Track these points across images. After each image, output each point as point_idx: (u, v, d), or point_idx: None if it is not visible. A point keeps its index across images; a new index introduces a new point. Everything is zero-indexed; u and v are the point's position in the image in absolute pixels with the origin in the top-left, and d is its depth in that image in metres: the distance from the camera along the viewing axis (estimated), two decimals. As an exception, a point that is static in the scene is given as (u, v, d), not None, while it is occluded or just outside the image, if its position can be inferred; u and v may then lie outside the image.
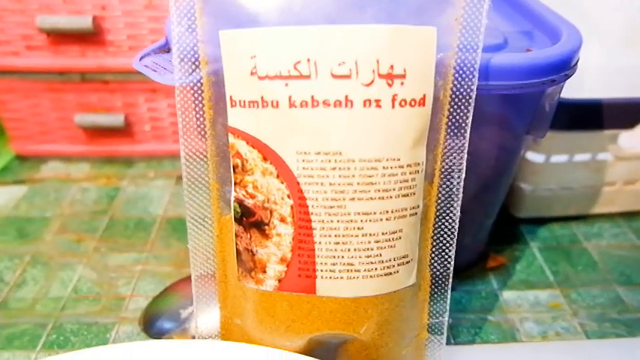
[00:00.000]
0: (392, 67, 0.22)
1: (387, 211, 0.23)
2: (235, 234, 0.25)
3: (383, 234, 0.24)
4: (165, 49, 0.28)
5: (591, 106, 0.36)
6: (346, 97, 0.22)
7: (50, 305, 0.35)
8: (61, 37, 0.42)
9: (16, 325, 0.34)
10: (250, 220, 0.24)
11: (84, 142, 0.49)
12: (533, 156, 0.39)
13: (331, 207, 0.23)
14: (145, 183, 0.49)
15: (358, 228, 0.23)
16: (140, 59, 0.26)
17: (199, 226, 0.26)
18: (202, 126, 0.24)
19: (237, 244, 0.25)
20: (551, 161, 0.39)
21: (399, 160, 0.23)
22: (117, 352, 0.24)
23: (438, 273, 0.27)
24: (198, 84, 0.24)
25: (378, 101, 0.22)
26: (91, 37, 0.43)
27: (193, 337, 0.32)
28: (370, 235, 0.23)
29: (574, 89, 0.34)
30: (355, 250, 0.24)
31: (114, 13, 0.42)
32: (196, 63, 0.23)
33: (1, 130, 0.51)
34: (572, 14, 0.37)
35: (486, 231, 0.38)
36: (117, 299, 0.36)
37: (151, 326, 0.34)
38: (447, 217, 0.26)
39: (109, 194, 0.47)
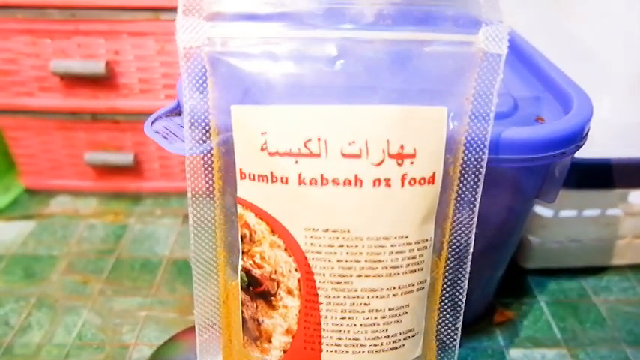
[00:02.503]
0: (402, 147, 0.22)
1: (395, 287, 0.23)
2: (242, 302, 0.25)
3: (390, 309, 0.23)
4: (177, 111, 0.28)
5: (601, 167, 0.36)
6: (356, 176, 0.22)
7: (54, 352, 0.35)
8: (73, 80, 0.43)
9: (19, 373, 0.34)
10: (257, 289, 0.24)
11: (92, 179, 0.50)
12: (542, 210, 0.39)
13: (338, 282, 0.23)
14: (152, 221, 0.49)
15: (365, 304, 0.23)
16: (151, 124, 0.27)
17: (206, 292, 0.26)
18: (212, 195, 0.24)
19: (243, 312, 0.25)
20: (560, 216, 0.39)
21: (407, 237, 0.23)
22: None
23: (444, 343, 0.27)
24: (209, 154, 0.24)
25: (387, 181, 0.22)
26: (103, 80, 0.43)
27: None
28: (377, 310, 0.23)
29: (584, 146, 0.34)
30: (361, 325, 0.23)
31: (127, 57, 0.42)
32: (207, 134, 0.24)
33: (11, 164, 0.52)
34: (584, 70, 0.37)
35: (494, 283, 0.38)
36: (121, 347, 0.36)
37: (154, 378, 0.33)
38: (455, 289, 0.26)
39: (116, 232, 0.47)
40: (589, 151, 0.37)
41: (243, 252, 0.24)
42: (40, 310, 0.39)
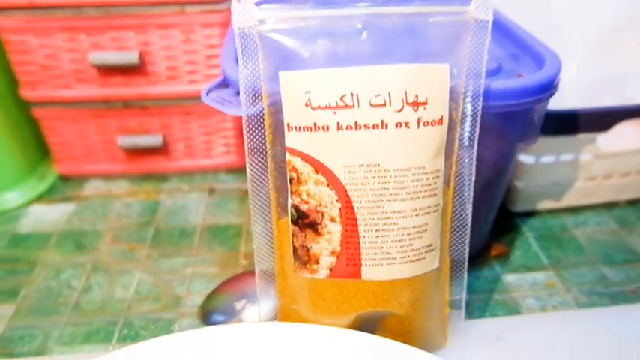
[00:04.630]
0: (417, 96, 0.28)
1: (416, 209, 0.29)
2: (292, 234, 0.31)
3: (413, 227, 0.30)
4: (223, 84, 0.34)
5: (572, 115, 0.42)
6: (382, 121, 0.28)
7: (117, 305, 0.41)
8: (108, 71, 0.48)
9: (90, 323, 0.39)
10: (305, 221, 0.30)
11: (123, 162, 0.55)
12: (525, 158, 0.45)
13: (372, 207, 0.29)
14: (181, 196, 0.54)
15: (394, 224, 0.29)
16: (207, 94, 0.32)
17: (261, 229, 0.32)
18: (263, 147, 0.30)
19: (293, 242, 0.31)
20: (540, 162, 0.45)
21: (424, 168, 0.29)
22: (215, 333, 0.29)
23: (456, 258, 0.33)
24: (261, 114, 0.30)
25: (407, 123, 0.28)
26: (134, 70, 0.48)
27: (251, 324, 0.37)
28: (403, 229, 0.29)
29: (557, 100, 0.41)
30: (392, 241, 0.30)
31: (155, 48, 0.47)
32: (259, 97, 0.29)
33: (45, 153, 0.57)
34: (551, 35, 0.44)
35: (489, 225, 0.45)
36: (175, 298, 0.42)
37: (209, 319, 0.39)
38: (462, 212, 0.32)
39: (151, 207, 0.53)
40: (561, 104, 0.44)
41: (291, 192, 0.30)
42: (96, 274, 0.44)
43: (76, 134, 0.52)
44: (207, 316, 0.40)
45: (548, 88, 0.33)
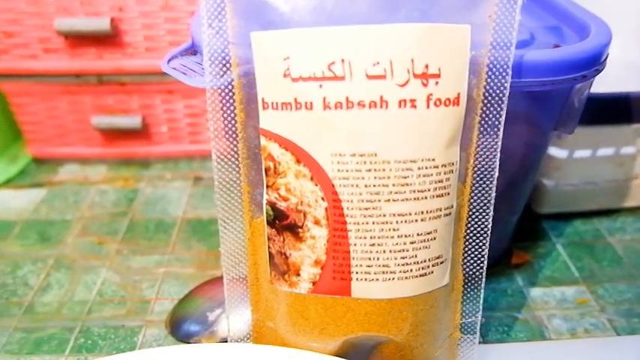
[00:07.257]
0: (427, 66, 0.22)
1: (422, 212, 0.23)
2: (268, 237, 0.25)
3: (418, 235, 0.23)
4: (192, 51, 0.28)
5: (616, 100, 0.35)
6: (381, 97, 0.22)
7: (76, 309, 0.36)
8: (78, 40, 0.42)
9: (43, 329, 0.34)
10: (283, 223, 0.24)
11: (100, 145, 0.49)
12: (556, 151, 0.39)
13: (366, 209, 0.23)
14: (162, 184, 0.49)
15: (394, 229, 0.23)
16: (168, 62, 0.26)
17: (231, 230, 0.26)
18: (233, 129, 0.24)
19: (269, 247, 0.25)
20: (574, 156, 0.39)
21: (433, 160, 0.23)
22: (153, 356, 0.24)
23: (470, 273, 0.27)
24: (229, 86, 0.24)
25: (413, 101, 0.22)
26: (108, 39, 0.42)
27: (223, 340, 0.31)
28: (405, 236, 0.23)
29: (596, 83, 0.34)
30: (391, 251, 0.23)
31: (131, 14, 0.41)
32: (227, 65, 0.23)
33: (17, 133, 0.51)
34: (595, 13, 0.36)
35: (511, 228, 0.38)
36: (142, 302, 0.36)
37: (178, 329, 0.34)
38: (480, 217, 0.26)
39: (128, 196, 0.47)
40: (601, 88, 0.37)
41: (267, 185, 0.24)
42: (58, 271, 0.39)
43: (46, 112, 0.47)
44: (176, 325, 0.34)
45: (595, 61, 0.26)
